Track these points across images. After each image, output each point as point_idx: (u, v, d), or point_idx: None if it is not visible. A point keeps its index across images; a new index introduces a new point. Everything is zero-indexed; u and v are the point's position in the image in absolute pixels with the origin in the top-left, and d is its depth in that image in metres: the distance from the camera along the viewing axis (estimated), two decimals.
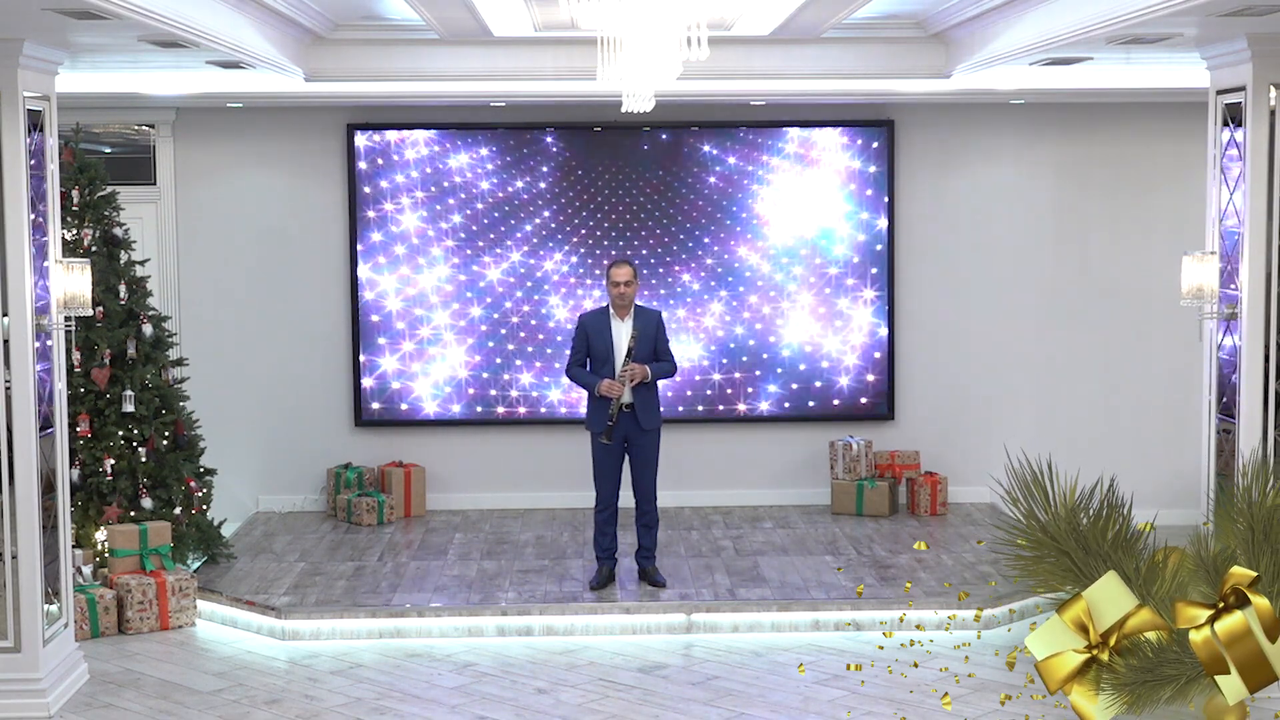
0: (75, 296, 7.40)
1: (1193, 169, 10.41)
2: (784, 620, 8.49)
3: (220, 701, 7.40)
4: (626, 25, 6.42)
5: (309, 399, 11.14)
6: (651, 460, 8.94)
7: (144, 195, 10.88)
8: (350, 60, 9.53)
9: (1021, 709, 7.11)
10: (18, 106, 7.00)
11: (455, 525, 10.69)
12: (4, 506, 7.15)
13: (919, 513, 10.90)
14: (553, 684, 7.61)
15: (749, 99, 10.46)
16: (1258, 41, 7.20)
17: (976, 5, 8.49)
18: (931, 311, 11.22)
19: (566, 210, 11.00)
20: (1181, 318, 8.92)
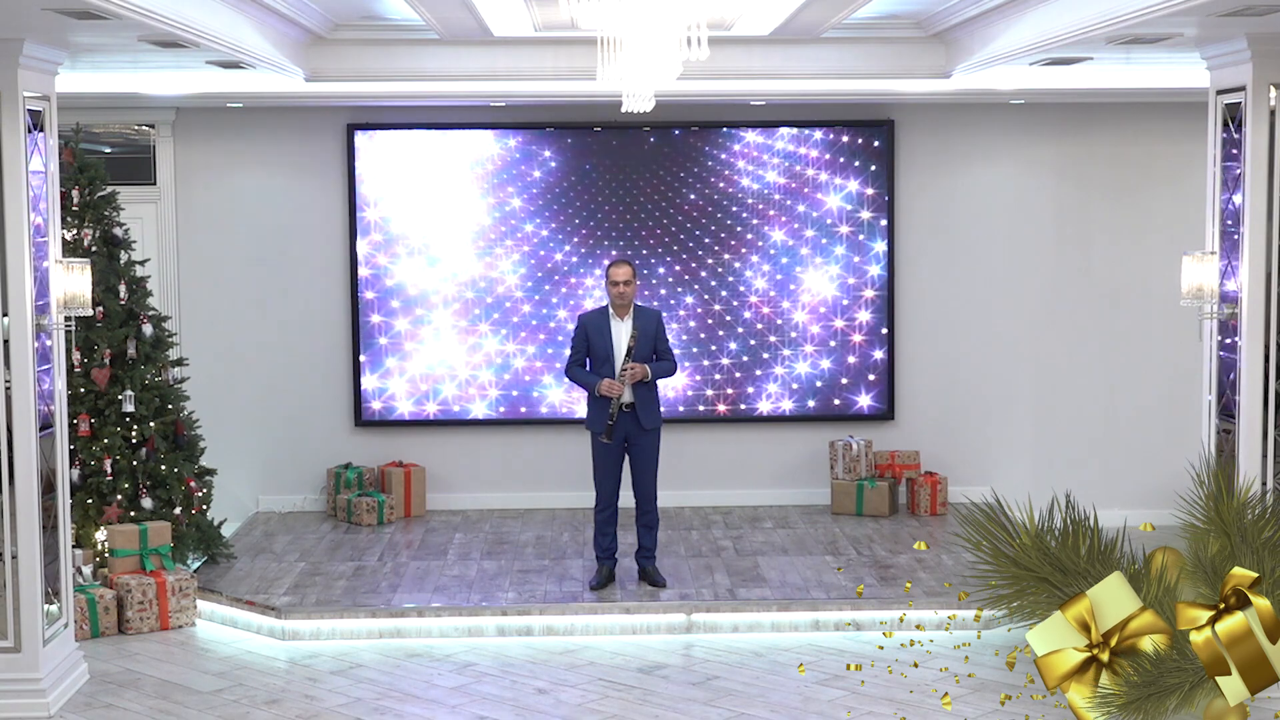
0: (75, 296, 7.40)
1: (1193, 169, 10.42)
2: (784, 620, 8.49)
3: (220, 701, 7.40)
4: (626, 25, 6.42)
5: (309, 399, 11.14)
6: (652, 460, 8.94)
7: (144, 195, 10.88)
8: (350, 60, 9.53)
9: (1021, 709, 7.11)
10: (18, 106, 7.00)
11: (455, 525, 10.69)
12: (4, 506, 7.15)
13: (919, 513, 10.91)
14: (553, 684, 7.61)
15: (749, 99, 10.46)
16: (1258, 41, 7.19)
17: (976, 5, 8.49)
18: (932, 311, 11.22)
19: (566, 210, 11.00)
20: (1181, 318, 8.91)
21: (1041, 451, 11.28)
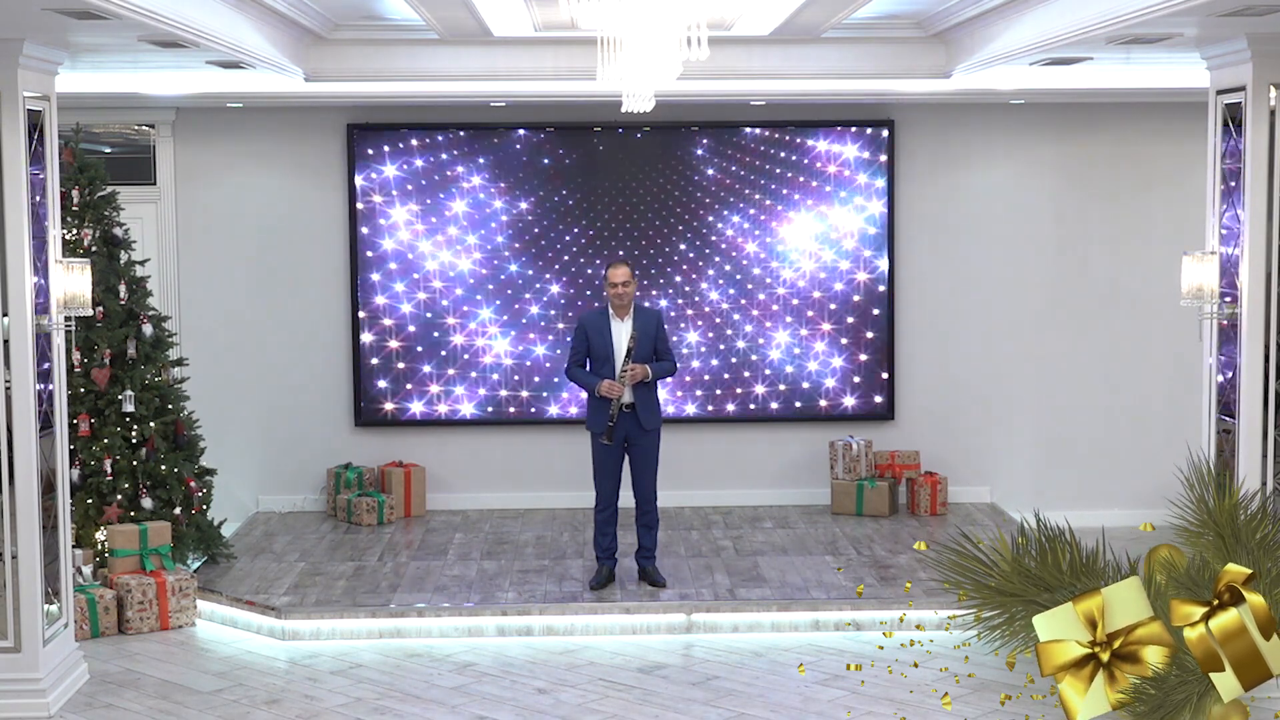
0: (75, 296, 7.40)
1: (1193, 169, 10.42)
2: (784, 620, 8.49)
3: (220, 701, 7.40)
4: (626, 25, 6.42)
5: (309, 399, 11.14)
6: (652, 460, 8.94)
7: (144, 195, 10.88)
8: (350, 60, 9.54)
9: (1021, 709, 7.11)
10: (18, 106, 7.00)
11: (455, 525, 10.69)
12: (4, 506, 7.15)
13: (919, 513, 10.90)
14: (553, 684, 7.61)
15: (749, 99, 10.46)
16: (1258, 41, 7.19)
17: (976, 5, 8.49)
18: (931, 311, 11.22)
19: (566, 210, 11.00)
20: (1181, 318, 8.91)
21: (1041, 451, 11.27)
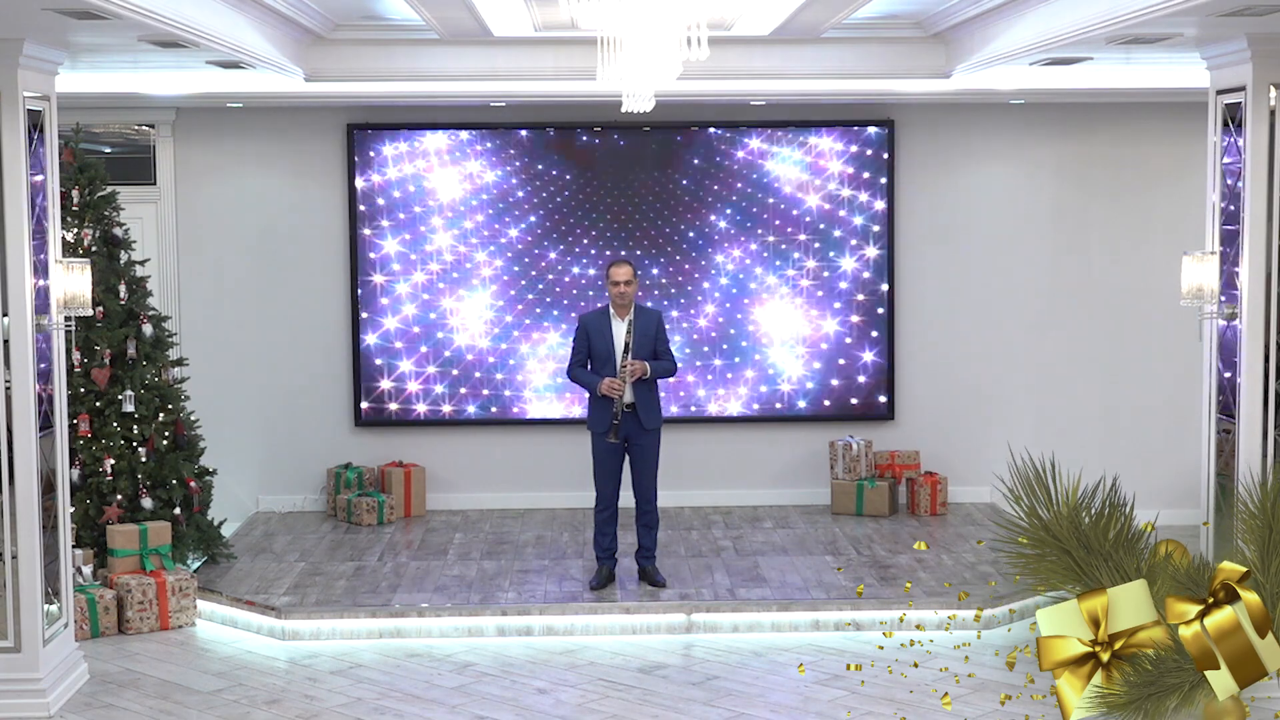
0: (75, 296, 7.40)
1: (1193, 169, 10.42)
2: (784, 620, 8.49)
3: (220, 701, 7.40)
4: (626, 25, 6.42)
5: (309, 399, 11.14)
6: (652, 460, 8.94)
7: (144, 195, 10.88)
8: (350, 60, 9.54)
9: (1021, 709, 7.11)
10: (18, 106, 7.00)
11: (455, 525, 10.69)
12: (4, 506, 7.15)
13: (919, 513, 10.90)
14: (553, 684, 7.61)
15: (749, 99, 10.46)
16: (1258, 41, 7.20)
17: (976, 5, 8.49)
18: (931, 311, 11.22)
19: (566, 210, 11.00)
20: (1181, 318, 8.92)
21: (1041, 451, 11.23)
